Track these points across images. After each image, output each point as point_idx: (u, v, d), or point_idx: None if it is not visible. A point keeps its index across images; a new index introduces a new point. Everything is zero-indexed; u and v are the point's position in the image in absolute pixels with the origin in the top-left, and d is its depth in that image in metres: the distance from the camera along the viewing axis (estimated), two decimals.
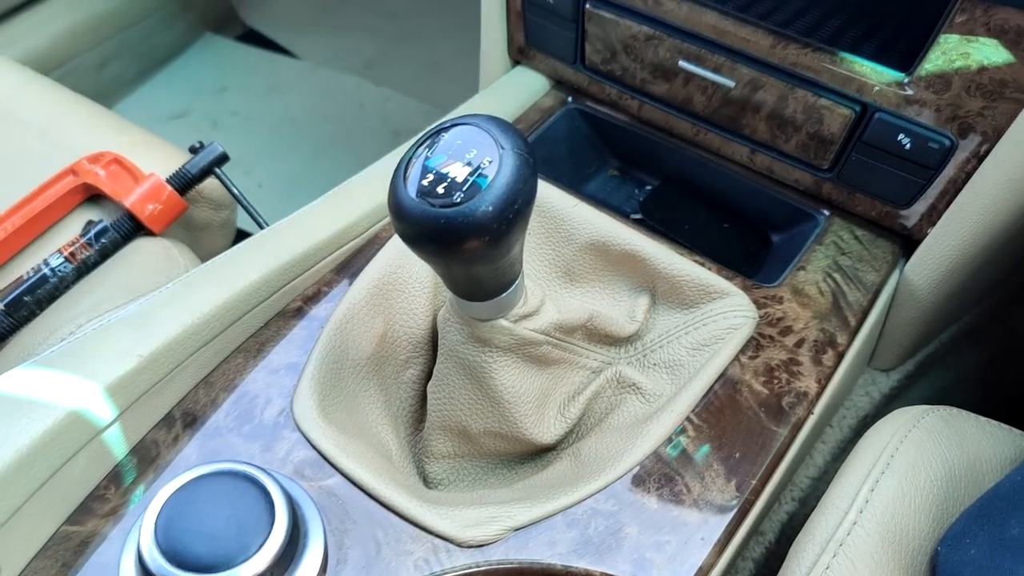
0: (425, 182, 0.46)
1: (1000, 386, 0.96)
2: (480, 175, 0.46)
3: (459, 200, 0.45)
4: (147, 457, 0.58)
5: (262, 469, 0.51)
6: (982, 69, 0.62)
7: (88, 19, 1.59)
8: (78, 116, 0.98)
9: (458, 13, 1.96)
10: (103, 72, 1.66)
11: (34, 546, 0.53)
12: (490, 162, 0.46)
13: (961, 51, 0.62)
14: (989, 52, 0.61)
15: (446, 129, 0.49)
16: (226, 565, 0.46)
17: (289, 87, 1.81)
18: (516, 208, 0.46)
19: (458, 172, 0.46)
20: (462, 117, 0.49)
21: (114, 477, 0.57)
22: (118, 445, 0.57)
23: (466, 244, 0.46)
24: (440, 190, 0.46)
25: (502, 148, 0.47)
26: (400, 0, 2.06)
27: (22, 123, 0.96)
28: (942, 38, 0.63)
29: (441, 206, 0.45)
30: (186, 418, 0.60)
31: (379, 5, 2.05)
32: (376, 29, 1.99)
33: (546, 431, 0.63)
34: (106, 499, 0.55)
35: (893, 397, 0.83)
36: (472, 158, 0.46)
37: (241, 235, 1.00)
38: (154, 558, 0.46)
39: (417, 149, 0.49)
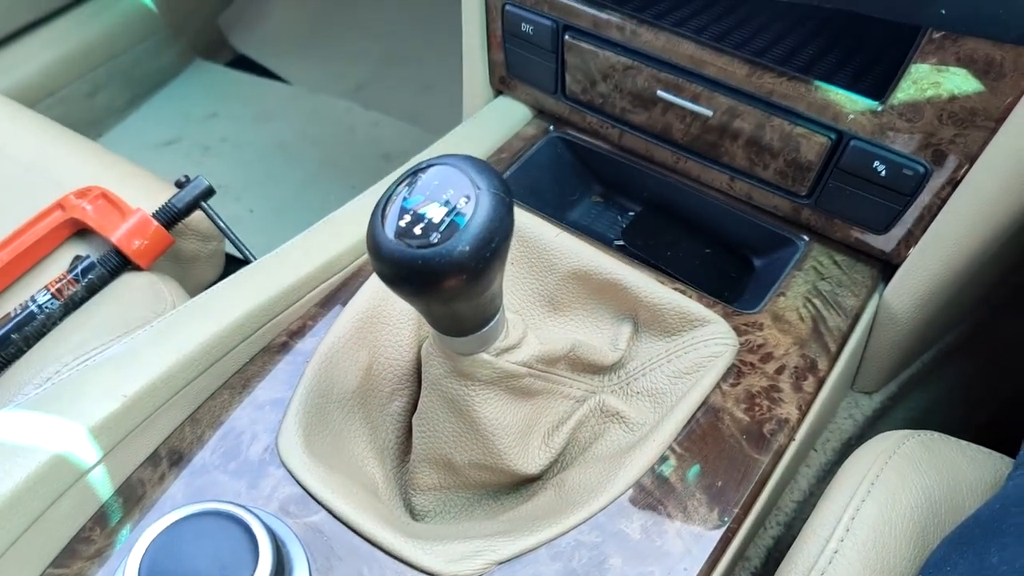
0: (403, 223, 0.47)
1: (982, 405, 0.96)
2: (457, 214, 0.46)
3: (436, 240, 0.46)
4: (133, 496, 0.58)
5: (246, 508, 0.51)
6: (953, 98, 0.63)
7: (78, 48, 1.60)
8: (65, 150, 0.99)
9: (448, 36, 1.97)
10: (94, 100, 1.67)
11: None
12: (467, 202, 0.47)
13: (932, 80, 0.63)
14: (959, 81, 0.62)
15: (423, 169, 0.49)
16: None
17: (279, 112, 1.82)
18: (493, 246, 0.47)
19: (435, 213, 0.47)
20: (439, 158, 0.50)
21: (100, 518, 0.57)
22: (103, 486, 0.58)
23: (444, 283, 0.47)
24: (417, 231, 0.46)
25: (478, 188, 0.47)
26: (390, 23, 2.07)
27: (9, 158, 0.97)
28: (913, 68, 0.64)
29: (419, 246, 0.46)
30: (172, 456, 0.60)
31: (369, 29, 2.06)
32: (366, 53, 2.01)
33: (530, 462, 0.63)
34: (91, 540, 0.56)
35: (876, 419, 0.83)
36: (449, 198, 0.47)
37: (230, 261, 1.00)
38: None
39: (396, 189, 0.49)
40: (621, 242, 0.83)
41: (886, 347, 0.76)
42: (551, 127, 0.91)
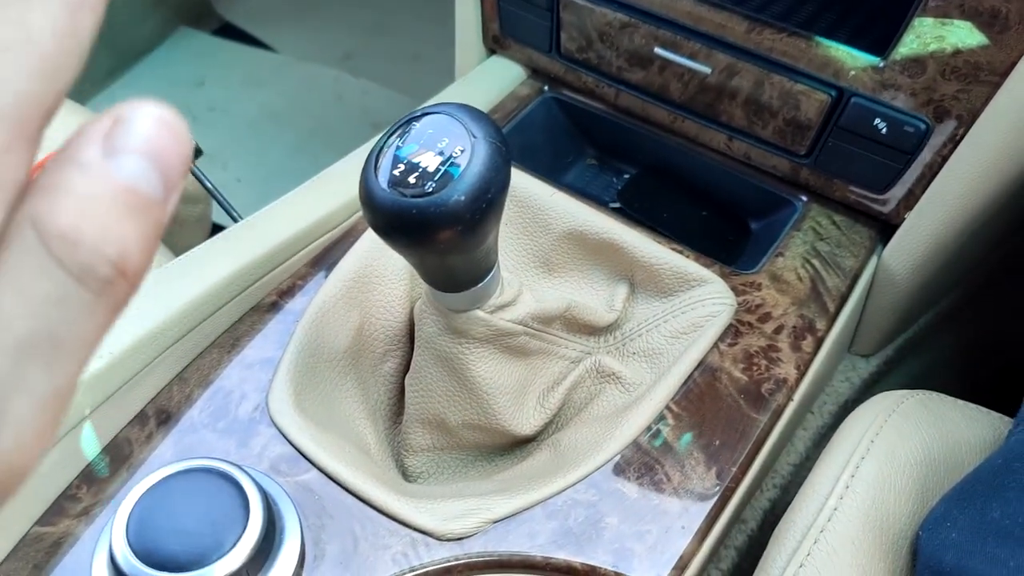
0: (396, 172, 0.46)
1: (979, 368, 0.96)
2: (452, 164, 0.45)
3: (431, 190, 0.45)
4: (120, 455, 0.57)
5: (236, 465, 0.50)
6: (957, 52, 0.62)
7: None
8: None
9: (436, 5, 1.94)
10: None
11: (4, 548, 0.52)
12: (462, 151, 0.46)
13: (936, 34, 0.62)
14: (963, 35, 0.61)
15: (417, 118, 0.48)
16: (200, 563, 0.46)
17: (267, 81, 1.79)
18: (489, 197, 0.45)
19: (430, 161, 0.46)
20: (434, 106, 0.48)
21: (86, 476, 0.56)
22: (89, 444, 0.56)
23: (439, 234, 0.45)
24: (412, 180, 0.45)
25: (474, 137, 0.46)
26: None
27: None
28: (916, 21, 0.62)
29: (413, 196, 0.45)
30: (160, 415, 0.59)
31: None
32: (354, 21, 1.98)
33: (525, 422, 0.63)
34: (78, 499, 0.54)
35: (873, 382, 0.83)
36: (444, 147, 0.46)
37: (217, 230, 0.99)
38: (126, 558, 0.46)
39: (388, 139, 0.48)
40: (617, 204, 0.82)
41: (884, 309, 0.76)
42: (545, 87, 0.89)
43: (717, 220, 0.83)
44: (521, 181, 0.71)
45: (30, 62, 0.16)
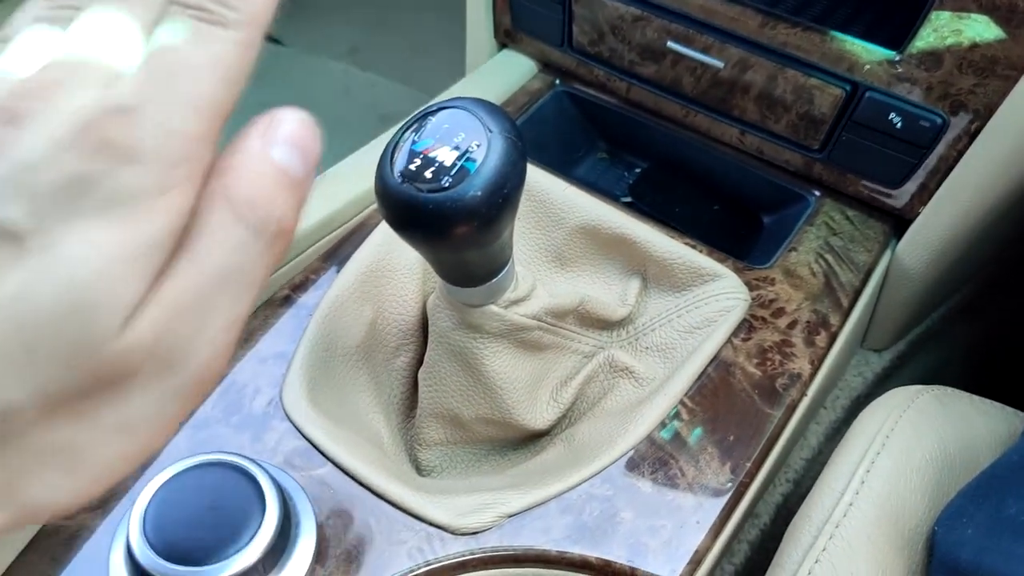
0: (412, 166, 0.46)
1: (992, 363, 0.96)
2: (468, 159, 0.45)
3: (447, 184, 0.44)
4: None
5: (251, 459, 0.50)
6: (974, 46, 0.61)
7: None
8: None
9: None
10: None
11: (21, 541, 0.52)
12: (478, 146, 0.45)
13: (953, 28, 0.62)
14: (980, 29, 0.61)
15: (433, 112, 0.48)
16: (217, 557, 0.46)
17: (273, 74, 1.78)
18: (505, 192, 0.45)
19: (446, 156, 0.45)
20: (450, 100, 0.48)
21: None
22: None
23: (455, 229, 0.45)
24: (428, 175, 0.45)
25: (490, 131, 0.46)
26: None
27: None
28: (933, 15, 0.62)
29: (429, 191, 0.45)
30: None
31: None
32: (361, 15, 1.97)
33: (539, 417, 0.63)
34: None
35: (886, 377, 0.83)
36: (460, 142, 0.46)
37: None
38: (143, 551, 0.46)
39: (404, 133, 0.48)
40: (628, 198, 0.82)
41: (897, 304, 0.75)
42: (557, 81, 0.89)
43: (729, 214, 0.83)
44: (534, 176, 0.71)
45: (220, 75, 0.24)
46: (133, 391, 0.24)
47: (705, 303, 0.66)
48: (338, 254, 0.69)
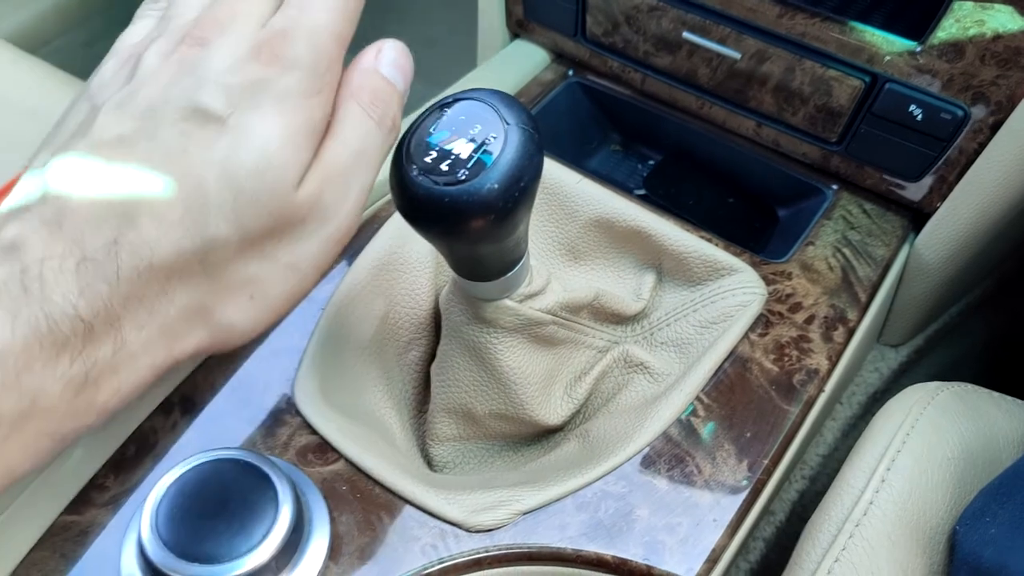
0: (428, 159, 0.45)
1: (1011, 359, 0.95)
2: (485, 152, 0.44)
3: (464, 177, 0.44)
4: (146, 444, 0.56)
5: (263, 456, 0.50)
6: (997, 37, 0.60)
7: None
8: (65, 96, 0.96)
9: None
10: (91, 50, 1.62)
11: (32, 537, 0.52)
12: (495, 138, 0.44)
13: (976, 18, 0.61)
14: (1004, 19, 0.60)
15: (449, 104, 0.47)
16: (230, 555, 0.45)
17: None
18: (522, 185, 0.44)
19: (462, 148, 0.44)
20: (465, 91, 0.47)
21: (113, 466, 0.55)
22: (115, 433, 0.56)
23: (471, 223, 0.44)
24: (444, 167, 0.44)
25: (507, 123, 0.45)
26: None
27: (9, 103, 0.94)
28: (956, 5, 0.61)
29: (445, 184, 0.44)
30: (184, 404, 0.59)
31: None
32: (367, 5, 1.95)
33: (553, 412, 0.62)
34: (105, 488, 0.54)
35: (903, 372, 0.82)
36: (476, 134, 0.45)
37: None
38: (155, 548, 0.45)
39: (419, 124, 0.47)
40: (643, 191, 0.81)
41: (915, 298, 0.74)
42: (570, 72, 0.88)
43: (744, 207, 0.82)
44: (547, 167, 0.70)
45: (341, 10, 0.34)
46: (302, 236, 0.32)
47: (721, 297, 0.65)
48: (349, 247, 0.68)
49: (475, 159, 0.44)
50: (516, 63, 0.87)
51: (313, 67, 0.32)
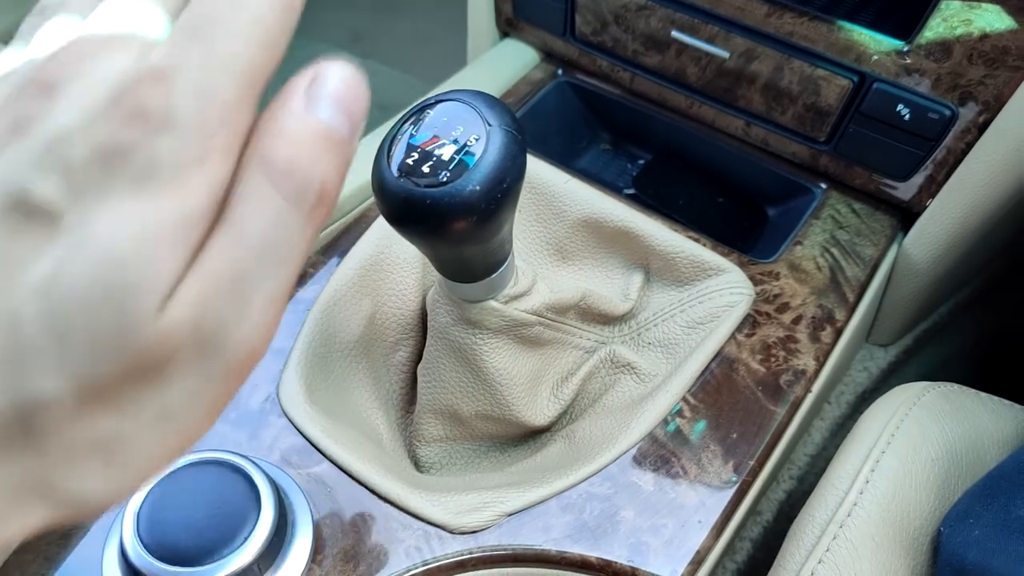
0: (410, 161, 0.45)
1: (999, 359, 0.95)
2: (467, 153, 0.44)
3: (445, 180, 0.43)
4: None
5: (247, 457, 0.49)
6: (984, 36, 0.60)
7: None
8: None
9: None
10: None
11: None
12: (477, 139, 0.44)
13: (963, 18, 0.60)
14: (991, 19, 0.59)
15: (431, 105, 0.47)
16: (211, 557, 0.45)
17: None
18: (504, 187, 0.44)
19: (444, 150, 0.44)
20: (448, 93, 0.47)
21: None
22: None
23: (453, 225, 0.44)
24: (425, 169, 0.44)
25: (489, 125, 0.45)
26: None
27: None
28: (943, 4, 0.61)
29: (427, 186, 0.44)
30: None
31: None
32: (362, 2, 1.96)
33: (539, 413, 0.62)
34: None
35: (891, 372, 0.82)
36: (458, 136, 0.45)
37: None
38: (137, 551, 0.45)
39: (401, 126, 0.47)
40: (632, 190, 0.80)
41: (904, 298, 0.74)
42: (559, 71, 0.87)
43: (733, 207, 0.81)
44: (535, 167, 0.69)
45: (259, 37, 0.22)
46: (173, 377, 0.22)
47: (709, 298, 0.65)
48: (337, 247, 0.68)
49: (457, 161, 0.44)
50: (505, 62, 0.87)
51: (196, 125, 0.21)
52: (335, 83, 0.23)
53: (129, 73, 0.22)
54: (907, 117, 0.66)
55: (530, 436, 0.64)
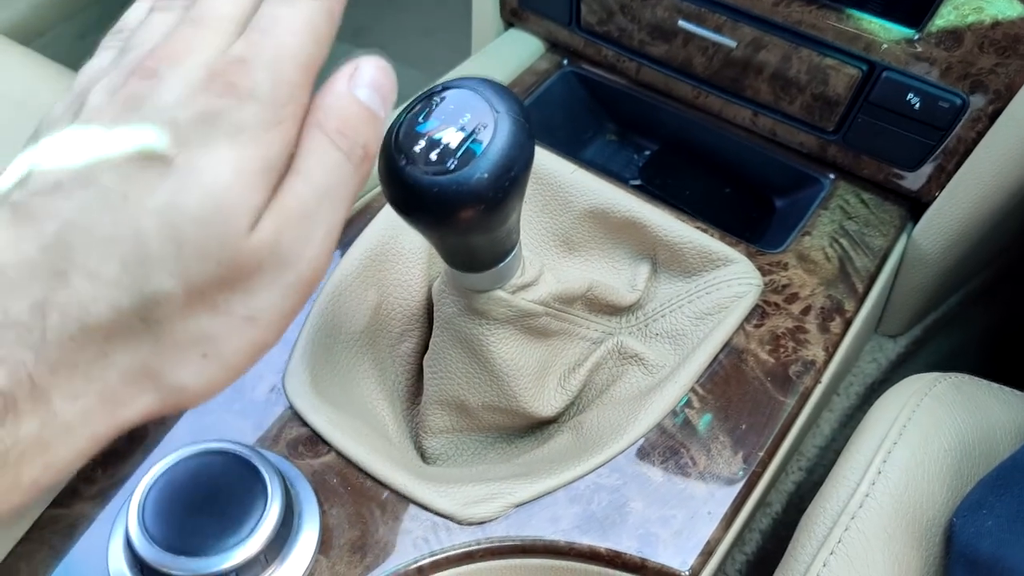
0: (417, 148, 0.44)
1: (1010, 350, 0.94)
2: (474, 141, 0.44)
3: (453, 167, 0.43)
4: (135, 437, 0.56)
5: (253, 448, 0.49)
6: (996, 24, 0.60)
7: None
8: (57, 87, 0.95)
9: None
10: (84, 42, 1.61)
11: (19, 529, 0.51)
12: (484, 127, 0.44)
13: (974, 5, 0.60)
14: (1003, 6, 0.59)
15: (438, 92, 0.46)
16: (218, 548, 0.45)
17: None
18: (512, 175, 0.44)
19: (452, 138, 0.44)
20: (455, 80, 0.46)
21: (101, 458, 0.55)
22: None
23: (461, 213, 0.44)
24: (433, 157, 0.44)
25: (497, 112, 0.44)
26: None
27: (1, 95, 0.93)
28: None
29: (434, 174, 0.43)
30: None
31: None
32: None
33: (546, 404, 0.61)
34: (93, 480, 0.54)
35: (901, 363, 0.81)
36: (466, 123, 0.44)
37: None
38: (142, 542, 0.45)
39: (408, 114, 0.46)
40: (638, 181, 0.80)
41: (914, 289, 0.74)
42: (565, 61, 0.87)
43: (740, 197, 0.81)
44: (540, 158, 0.69)
45: (312, 35, 0.30)
46: (259, 285, 0.29)
47: (717, 288, 0.64)
48: (341, 237, 0.67)
49: (465, 148, 0.43)
50: (510, 52, 0.87)
51: (272, 97, 0.29)
52: (371, 71, 0.32)
53: (219, 59, 0.29)
54: (917, 106, 0.65)
55: (537, 427, 0.64)
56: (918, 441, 0.54)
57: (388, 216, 0.65)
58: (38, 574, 0.50)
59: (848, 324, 0.64)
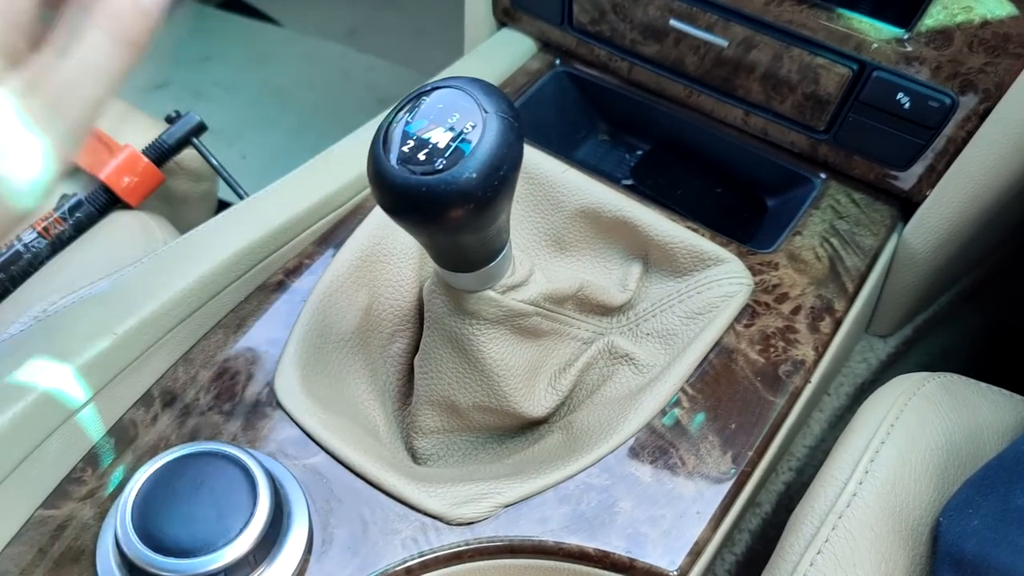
0: (405, 148, 0.44)
1: (1000, 349, 0.95)
2: (463, 140, 0.44)
3: (441, 167, 0.43)
4: (125, 438, 0.56)
5: (243, 448, 0.49)
6: (985, 23, 0.60)
7: None
8: None
9: None
10: None
11: (8, 531, 0.51)
12: (473, 127, 0.44)
13: (963, 5, 0.60)
14: (992, 5, 0.59)
15: (427, 93, 0.46)
16: (207, 549, 0.45)
17: (272, 56, 1.77)
18: (501, 175, 0.44)
19: (440, 138, 0.44)
20: (444, 80, 0.46)
21: (91, 459, 0.55)
22: (94, 426, 0.55)
23: (449, 213, 0.44)
24: (421, 157, 0.44)
25: (485, 112, 0.44)
26: None
27: None
28: None
29: (423, 173, 0.43)
30: (165, 397, 0.58)
31: None
32: None
33: (536, 404, 0.61)
34: (83, 482, 0.54)
35: (891, 363, 0.81)
36: (454, 123, 0.44)
37: (223, 206, 0.97)
38: (131, 542, 0.45)
39: (397, 114, 0.46)
40: (630, 181, 0.80)
41: (904, 289, 0.74)
42: (557, 61, 0.87)
43: (732, 197, 0.81)
44: (532, 157, 0.69)
45: None
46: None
47: (707, 288, 0.64)
48: (333, 238, 0.68)
49: (453, 148, 0.43)
50: (502, 52, 0.87)
51: None
52: None
53: None
54: (907, 106, 0.65)
55: (527, 427, 0.64)
56: (906, 440, 0.54)
57: (379, 217, 0.65)
58: (28, 575, 0.50)
59: (838, 324, 0.64)
